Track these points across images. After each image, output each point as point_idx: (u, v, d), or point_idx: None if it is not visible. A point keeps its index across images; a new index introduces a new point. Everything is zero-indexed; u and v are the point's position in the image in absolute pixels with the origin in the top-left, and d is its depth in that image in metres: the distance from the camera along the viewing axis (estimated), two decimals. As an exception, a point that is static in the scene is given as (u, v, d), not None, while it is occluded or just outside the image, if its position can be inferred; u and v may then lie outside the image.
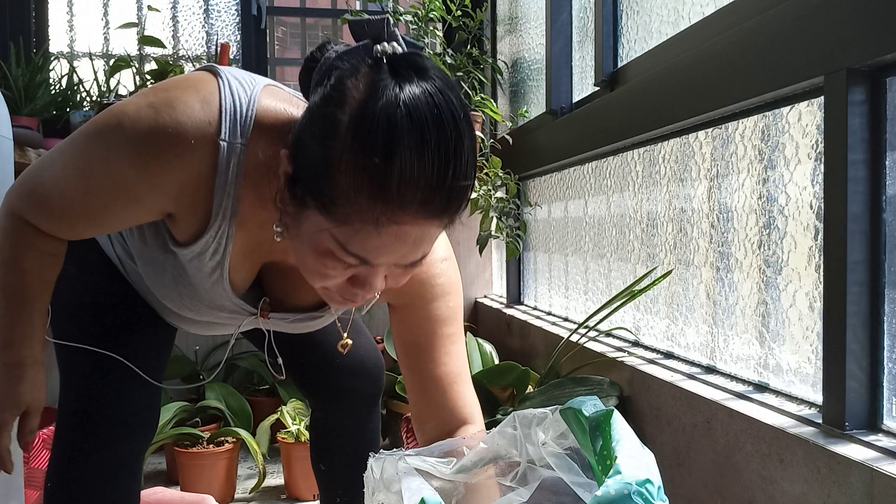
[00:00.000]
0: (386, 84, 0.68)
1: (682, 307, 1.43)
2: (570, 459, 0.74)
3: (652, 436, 1.34)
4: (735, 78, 1.13)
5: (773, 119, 1.14)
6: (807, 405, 1.05)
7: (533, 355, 2.10)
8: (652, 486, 0.62)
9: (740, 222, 1.23)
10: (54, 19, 2.96)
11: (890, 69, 0.89)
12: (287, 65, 7.30)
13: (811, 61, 0.96)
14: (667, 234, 1.49)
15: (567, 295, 2.14)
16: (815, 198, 1.04)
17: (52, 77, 2.62)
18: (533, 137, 2.24)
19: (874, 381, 0.92)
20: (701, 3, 1.37)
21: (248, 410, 2.23)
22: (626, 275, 1.69)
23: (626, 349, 1.59)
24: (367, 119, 0.67)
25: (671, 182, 1.47)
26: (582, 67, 2.05)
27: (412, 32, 2.25)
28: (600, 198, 1.86)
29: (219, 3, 3.08)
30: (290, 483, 2.01)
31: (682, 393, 1.23)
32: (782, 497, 0.98)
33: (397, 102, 0.67)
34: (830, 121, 0.94)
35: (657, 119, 1.41)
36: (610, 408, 0.71)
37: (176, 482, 2.02)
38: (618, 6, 1.74)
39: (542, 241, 2.39)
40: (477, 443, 0.79)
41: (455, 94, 0.71)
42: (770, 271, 1.15)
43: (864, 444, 0.89)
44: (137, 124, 0.76)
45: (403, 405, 2.05)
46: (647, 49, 1.56)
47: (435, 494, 0.67)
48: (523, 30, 2.60)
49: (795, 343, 1.09)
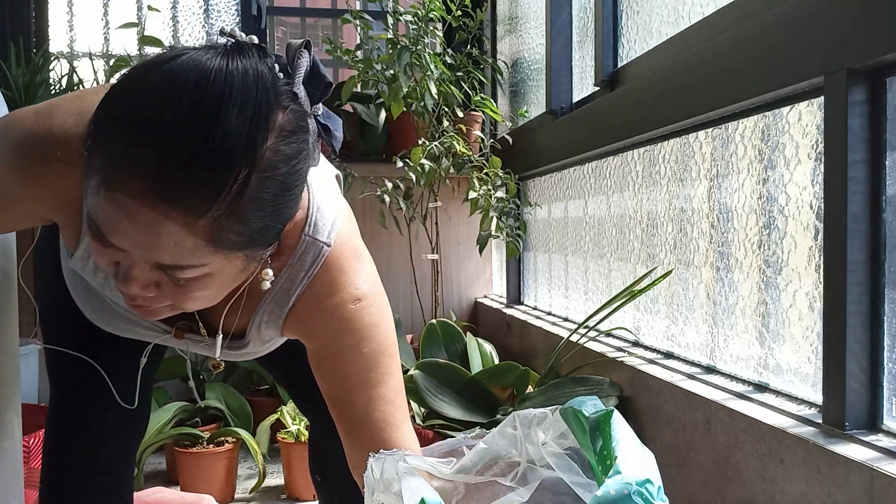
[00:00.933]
0: (184, 51, 0.63)
1: (682, 307, 1.43)
2: (570, 459, 0.74)
3: (652, 436, 1.34)
4: (735, 78, 1.13)
5: (773, 119, 1.14)
6: (807, 405, 1.05)
7: (533, 355, 2.10)
8: (652, 486, 0.62)
9: (740, 222, 1.23)
10: (54, 19, 2.96)
11: (890, 69, 0.89)
12: (287, 65, 7.27)
13: (811, 61, 0.96)
14: (667, 234, 1.49)
15: (567, 295, 2.14)
16: (815, 198, 1.04)
17: (52, 77, 2.62)
18: (533, 137, 2.24)
19: (874, 381, 0.92)
20: (701, 3, 1.37)
21: (248, 410, 2.23)
22: (626, 275, 1.69)
23: (626, 349, 1.59)
24: (131, 71, 0.64)
25: (671, 182, 1.47)
26: (582, 67, 2.05)
27: (412, 32, 2.25)
28: (600, 198, 1.86)
29: (219, 3, 3.08)
30: (290, 483, 2.01)
31: (682, 393, 1.23)
32: (782, 497, 0.98)
33: (167, 60, 0.62)
34: (830, 121, 0.94)
35: (657, 119, 1.41)
36: (610, 408, 0.71)
37: (176, 482, 2.02)
38: (618, 6, 1.74)
39: (542, 241, 2.39)
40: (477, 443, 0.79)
41: (267, 88, 0.64)
42: (770, 271, 1.15)
43: (864, 444, 0.89)
44: (17, 129, 0.76)
45: (403, 405, 2.05)
46: (647, 49, 1.56)
47: (435, 494, 0.67)
48: (523, 30, 2.60)
49: (795, 343, 1.09)
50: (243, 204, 0.63)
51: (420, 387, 1.61)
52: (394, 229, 2.42)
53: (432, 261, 2.50)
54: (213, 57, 0.63)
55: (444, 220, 2.68)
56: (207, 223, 0.63)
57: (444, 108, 2.33)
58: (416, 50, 2.20)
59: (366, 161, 2.68)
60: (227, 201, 0.62)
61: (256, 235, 0.68)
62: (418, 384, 1.61)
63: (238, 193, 0.62)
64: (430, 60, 2.22)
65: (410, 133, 2.42)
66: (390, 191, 2.26)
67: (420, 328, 2.09)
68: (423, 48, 2.22)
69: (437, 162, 2.23)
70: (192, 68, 0.61)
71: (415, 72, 2.22)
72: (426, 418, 1.71)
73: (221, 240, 0.65)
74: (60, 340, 1.01)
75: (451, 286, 2.90)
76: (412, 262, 2.56)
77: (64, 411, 1.01)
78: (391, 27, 2.32)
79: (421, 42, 2.23)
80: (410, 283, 2.69)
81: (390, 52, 2.25)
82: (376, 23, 2.72)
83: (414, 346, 2.16)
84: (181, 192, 0.61)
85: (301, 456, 1.94)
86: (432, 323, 2.00)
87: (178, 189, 0.61)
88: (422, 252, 2.54)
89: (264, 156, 0.63)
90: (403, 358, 2.03)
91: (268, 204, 0.66)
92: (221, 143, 0.61)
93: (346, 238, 0.87)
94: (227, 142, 0.61)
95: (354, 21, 2.32)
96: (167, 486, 1.87)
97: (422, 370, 1.64)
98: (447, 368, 1.68)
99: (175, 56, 0.63)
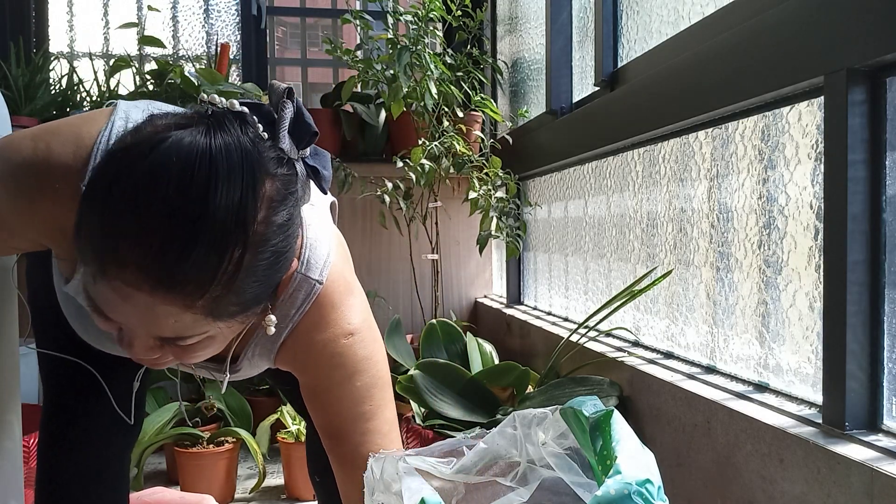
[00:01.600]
0: (168, 134, 0.62)
1: (682, 307, 1.43)
2: (570, 459, 0.74)
3: (652, 436, 1.34)
4: (735, 78, 1.13)
5: (773, 119, 1.14)
6: (807, 405, 1.05)
7: (533, 355, 2.10)
8: (652, 486, 0.62)
9: (740, 222, 1.23)
10: (54, 19, 2.97)
11: (890, 69, 0.89)
12: (287, 65, 7.30)
13: (811, 61, 0.96)
14: (667, 234, 1.49)
15: (567, 295, 2.14)
16: (815, 198, 1.04)
17: (52, 77, 2.62)
18: (533, 137, 2.24)
19: (874, 381, 0.92)
20: (701, 3, 1.37)
21: (248, 410, 2.23)
22: (626, 275, 1.69)
23: (626, 349, 1.59)
24: (116, 153, 0.63)
25: (671, 182, 1.47)
26: (582, 67, 2.05)
27: (412, 32, 2.25)
28: (600, 198, 1.86)
29: (219, 3, 3.08)
30: (290, 483, 2.01)
31: (682, 393, 1.23)
32: (782, 497, 0.98)
33: (152, 147, 0.61)
34: (830, 121, 0.94)
35: (657, 119, 1.41)
36: (610, 408, 0.71)
37: (176, 482, 2.02)
38: (618, 6, 1.74)
39: (542, 241, 2.39)
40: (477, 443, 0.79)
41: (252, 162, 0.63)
42: (770, 271, 1.15)
43: (864, 444, 0.88)
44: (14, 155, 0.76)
45: (403, 405, 2.05)
46: (647, 49, 1.56)
47: (435, 494, 0.67)
48: (523, 30, 2.60)
49: (795, 343, 1.09)
50: (239, 280, 0.64)
51: (420, 387, 1.61)
52: (394, 229, 2.42)
53: (432, 261, 2.50)
54: (196, 137, 0.62)
55: (444, 220, 2.68)
56: (205, 302, 0.64)
57: (444, 108, 2.33)
58: (416, 50, 2.20)
59: (366, 161, 2.68)
60: (224, 281, 0.63)
61: (255, 300, 0.69)
62: (418, 384, 1.61)
63: (234, 273, 0.63)
64: (430, 60, 2.22)
65: (410, 133, 2.42)
66: (390, 191, 2.26)
67: (420, 328, 2.09)
68: (423, 48, 2.22)
69: (437, 162, 2.23)
70: (176, 153, 0.61)
71: (415, 72, 2.22)
72: (426, 418, 1.71)
73: (220, 312, 0.66)
74: (54, 343, 1.01)
75: (451, 286, 2.90)
76: (412, 262, 2.56)
77: (58, 412, 1.01)
78: (391, 27, 2.32)
79: (421, 42, 2.23)
80: (410, 283, 2.69)
81: (390, 52, 2.25)
82: (376, 23, 2.72)
83: (414, 346, 2.16)
84: (176, 281, 0.61)
85: (301, 456, 1.94)
86: (432, 323, 2.00)
87: (173, 278, 0.61)
88: (422, 252, 2.54)
89: (256, 230, 0.64)
90: (403, 358, 2.03)
91: (263, 271, 0.67)
92: (212, 228, 0.61)
93: (339, 274, 0.86)
94: (218, 226, 0.61)
95: (354, 21, 2.32)
96: (167, 486, 1.87)
97: (422, 370, 1.64)
98: (447, 368, 1.68)
99: (159, 141, 0.62)
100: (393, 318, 2.15)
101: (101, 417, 1.01)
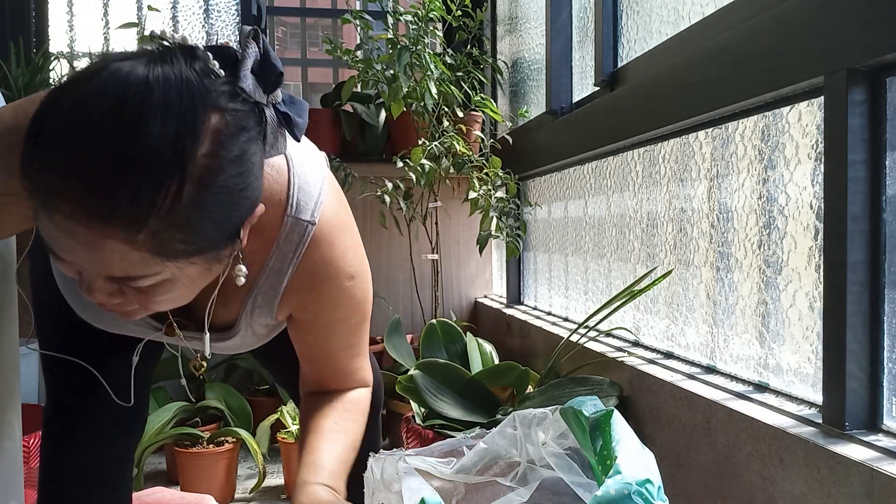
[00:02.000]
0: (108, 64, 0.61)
1: (682, 307, 1.43)
2: (570, 459, 0.74)
3: (652, 436, 1.34)
4: (735, 78, 1.13)
5: (773, 119, 1.14)
6: (807, 405, 1.05)
7: (533, 355, 2.10)
8: (652, 486, 0.62)
9: (740, 222, 1.23)
10: (54, 19, 2.96)
11: (890, 69, 0.89)
12: (287, 65, 7.31)
13: (811, 61, 0.96)
14: (667, 234, 1.49)
15: (567, 295, 2.14)
16: (815, 198, 1.04)
17: (52, 77, 2.62)
18: (533, 137, 2.24)
19: (874, 381, 0.92)
20: (701, 3, 1.37)
21: (248, 410, 2.23)
22: (626, 275, 1.69)
23: (626, 349, 1.59)
24: (58, 88, 0.62)
25: (671, 182, 1.47)
26: (582, 67, 2.05)
27: (412, 32, 2.25)
28: (600, 198, 1.86)
29: (219, 3, 3.08)
30: (290, 483, 2.01)
31: (681, 393, 1.23)
32: (782, 497, 0.98)
33: (90, 76, 0.60)
34: (830, 121, 0.94)
35: (657, 119, 1.41)
36: (610, 408, 0.72)
37: (176, 482, 2.02)
38: (618, 6, 1.74)
39: (542, 241, 2.39)
40: (477, 443, 0.79)
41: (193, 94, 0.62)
42: (770, 271, 1.15)
43: (864, 444, 0.89)
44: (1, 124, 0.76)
45: (404, 405, 2.05)
46: (647, 49, 1.56)
47: (435, 494, 0.67)
48: (523, 30, 2.60)
49: (795, 343, 1.09)
50: (182, 214, 0.62)
51: (420, 387, 1.61)
52: (394, 229, 2.42)
53: (432, 261, 2.50)
54: (136, 67, 0.61)
55: (444, 220, 2.68)
56: (147, 237, 0.62)
57: (444, 108, 2.33)
58: (416, 50, 2.20)
59: (366, 161, 2.68)
60: (162, 215, 0.61)
61: (207, 240, 0.67)
62: (418, 384, 1.61)
63: (172, 206, 0.61)
64: (430, 60, 2.22)
65: (410, 133, 2.43)
66: (390, 191, 2.26)
67: (420, 328, 2.09)
68: (423, 48, 2.22)
69: (437, 162, 2.23)
70: (112, 84, 0.60)
71: (415, 72, 2.22)
72: (426, 418, 1.71)
73: (167, 250, 0.64)
74: (55, 337, 1.01)
75: (451, 286, 2.91)
76: (412, 262, 2.56)
77: (59, 411, 1.01)
78: (391, 27, 2.32)
79: (421, 42, 2.23)
80: (410, 283, 2.69)
81: (390, 52, 2.25)
82: (376, 23, 2.72)
83: (414, 346, 2.16)
84: (112, 212, 0.60)
85: (301, 456, 1.94)
86: (432, 323, 2.00)
87: (109, 209, 0.60)
88: (422, 252, 2.54)
89: (199, 164, 0.62)
90: (403, 358, 2.03)
91: (214, 209, 0.65)
92: (146, 159, 0.59)
93: (333, 213, 0.87)
94: (152, 156, 0.59)
95: (354, 21, 2.32)
96: (167, 486, 1.87)
97: (422, 370, 1.64)
98: (447, 368, 1.68)
99: (96, 71, 0.61)
100: (393, 318, 2.15)
101: (103, 418, 1.01)
